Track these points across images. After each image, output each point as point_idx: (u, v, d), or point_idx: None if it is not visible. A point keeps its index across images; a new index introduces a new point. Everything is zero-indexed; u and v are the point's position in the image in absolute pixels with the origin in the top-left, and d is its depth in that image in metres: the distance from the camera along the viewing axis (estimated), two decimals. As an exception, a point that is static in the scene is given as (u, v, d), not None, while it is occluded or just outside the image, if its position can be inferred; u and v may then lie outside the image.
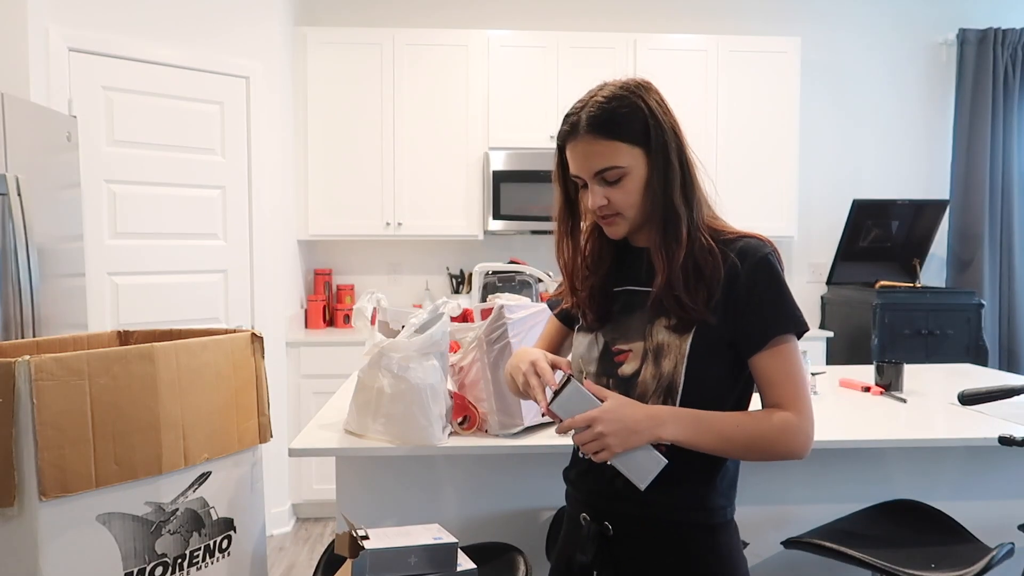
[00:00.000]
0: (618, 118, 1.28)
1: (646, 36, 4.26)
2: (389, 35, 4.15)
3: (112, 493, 1.40)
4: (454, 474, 2.03)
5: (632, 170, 1.30)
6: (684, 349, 1.30)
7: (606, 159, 1.29)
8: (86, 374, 1.35)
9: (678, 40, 4.29)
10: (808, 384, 1.33)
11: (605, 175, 1.30)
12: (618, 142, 1.28)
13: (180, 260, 3.46)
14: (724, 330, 1.30)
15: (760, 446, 1.28)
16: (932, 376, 2.79)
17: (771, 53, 4.30)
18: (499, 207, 4.14)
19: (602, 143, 1.29)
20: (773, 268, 1.30)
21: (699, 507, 1.33)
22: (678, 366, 1.30)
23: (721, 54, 4.27)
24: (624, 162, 1.29)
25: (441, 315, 1.90)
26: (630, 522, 1.35)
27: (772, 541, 2.03)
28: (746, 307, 1.29)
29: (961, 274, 4.64)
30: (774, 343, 1.29)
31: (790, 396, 1.29)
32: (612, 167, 1.29)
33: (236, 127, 3.62)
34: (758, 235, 1.34)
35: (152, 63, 3.32)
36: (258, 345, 1.72)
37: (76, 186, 2.81)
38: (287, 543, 3.77)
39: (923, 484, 2.14)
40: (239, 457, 1.66)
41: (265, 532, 1.81)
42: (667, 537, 1.33)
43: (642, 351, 1.34)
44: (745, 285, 1.29)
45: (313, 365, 3.94)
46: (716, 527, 1.34)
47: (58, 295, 2.63)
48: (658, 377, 1.31)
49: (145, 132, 3.31)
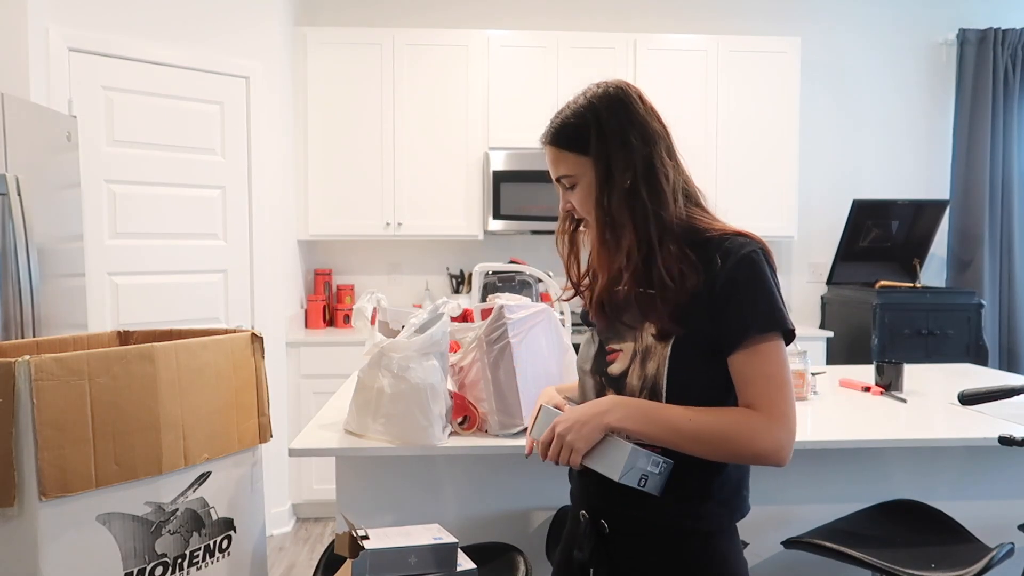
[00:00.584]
0: (568, 130, 1.36)
1: (646, 36, 4.26)
2: (389, 35, 4.15)
3: (112, 493, 1.40)
4: (454, 474, 2.03)
5: (580, 178, 1.36)
6: (666, 352, 1.29)
7: (560, 167, 1.38)
8: (86, 374, 1.35)
9: (678, 40, 4.29)
10: (789, 388, 1.25)
11: (563, 181, 1.39)
12: (567, 152, 1.36)
13: (180, 260, 3.46)
14: (709, 333, 1.28)
15: (715, 442, 1.24)
16: (932, 376, 2.79)
17: (771, 53, 4.30)
18: (499, 207, 4.14)
19: (556, 152, 1.38)
20: (755, 265, 1.27)
21: (694, 514, 1.31)
22: (660, 368, 1.30)
23: (721, 54, 4.27)
24: (572, 171, 1.37)
25: (441, 315, 1.90)
26: (627, 522, 1.36)
27: (772, 541, 2.03)
28: (725, 305, 1.26)
29: (961, 274, 4.64)
30: (752, 342, 1.25)
31: (762, 396, 1.24)
32: (565, 175, 1.38)
33: (236, 127, 3.62)
34: (746, 232, 1.32)
35: (152, 63, 3.32)
36: (258, 345, 1.72)
37: (76, 186, 2.81)
38: (287, 543, 3.77)
39: (923, 484, 2.14)
40: (239, 457, 1.66)
41: (265, 532, 1.81)
42: (662, 540, 1.33)
43: (632, 352, 1.34)
44: (723, 283, 1.26)
45: (313, 365, 3.94)
46: (712, 533, 1.33)
47: (58, 295, 2.63)
48: (643, 379, 1.31)
49: (145, 132, 3.31)
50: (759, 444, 1.22)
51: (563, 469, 1.51)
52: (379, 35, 4.16)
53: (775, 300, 1.27)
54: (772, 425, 1.23)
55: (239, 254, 3.66)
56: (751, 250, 1.28)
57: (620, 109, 1.34)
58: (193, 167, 3.48)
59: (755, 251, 1.28)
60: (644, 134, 1.33)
